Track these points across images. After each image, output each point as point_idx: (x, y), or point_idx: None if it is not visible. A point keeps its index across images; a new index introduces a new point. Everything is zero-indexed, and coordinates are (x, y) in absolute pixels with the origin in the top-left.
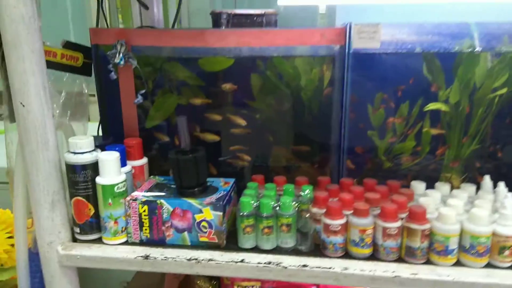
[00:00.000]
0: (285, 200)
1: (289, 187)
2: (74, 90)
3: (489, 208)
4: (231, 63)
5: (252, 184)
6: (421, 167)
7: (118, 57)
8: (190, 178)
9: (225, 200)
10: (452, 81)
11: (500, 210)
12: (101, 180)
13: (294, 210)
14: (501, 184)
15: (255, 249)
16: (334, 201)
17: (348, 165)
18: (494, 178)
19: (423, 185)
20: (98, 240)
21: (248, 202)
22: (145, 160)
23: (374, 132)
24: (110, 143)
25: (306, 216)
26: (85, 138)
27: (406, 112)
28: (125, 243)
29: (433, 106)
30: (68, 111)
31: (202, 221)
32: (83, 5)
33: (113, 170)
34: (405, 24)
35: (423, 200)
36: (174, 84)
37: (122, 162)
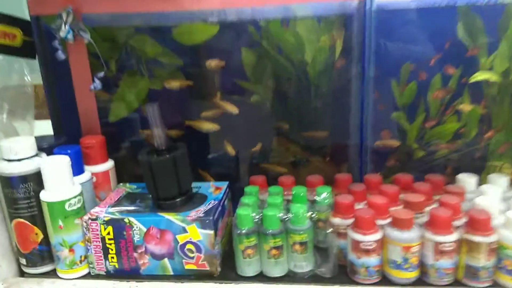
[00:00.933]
0: (298, 210)
1: (300, 191)
2: (12, 78)
3: None
4: (215, 32)
5: (251, 189)
6: (461, 155)
7: (65, 30)
8: (169, 186)
9: (217, 213)
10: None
11: None
12: (46, 196)
13: (310, 223)
14: None
15: (260, 277)
16: (364, 209)
17: (371, 158)
18: None
19: (474, 179)
20: (52, 273)
21: (248, 216)
22: (111, 164)
23: (401, 114)
24: (63, 144)
25: (328, 232)
26: (23, 140)
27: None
28: (87, 276)
29: (480, 77)
30: (6, 106)
31: (187, 244)
32: None
33: (62, 181)
34: None
35: (481, 201)
36: (144, 64)
37: (77, 169)
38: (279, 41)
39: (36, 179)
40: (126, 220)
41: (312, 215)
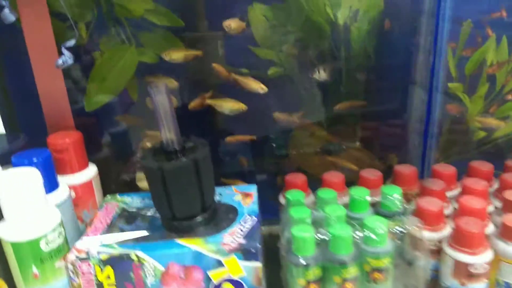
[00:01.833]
0: (376, 225)
1: (362, 193)
2: None
3: None
4: None
5: (296, 195)
6: None
7: None
8: (189, 201)
9: (259, 235)
10: None
11: None
12: (9, 233)
13: (392, 241)
14: None
15: None
16: (472, 220)
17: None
18: None
19: None
20: None
21: (311, 240)
22: (93, 171)
23: (459, 85)
24: (21, 148)
25: (419, 253)
26: None
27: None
28: None
29: None
30: None
31: (224, 283)
32: None
33: (32, 207)
34: None
35: None
36: (129, 27)
37: (49, 184)
38: None
39: None
40: (133, 256)
41: (397, 230)
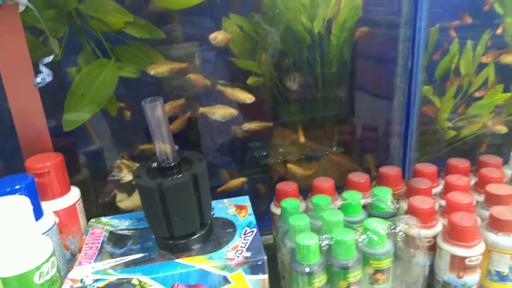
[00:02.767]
0: (376, 227)
1: (354, 197)
2: None
3: None
4: None
5: (291, 204)
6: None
7: None
8: (189, 218)
9: (261, 247)
10: None
11: None
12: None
13: (391, 242)
14: None
15: None
16: (463, 215)
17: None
18: None
19: None
20: None
21: (315, 248)
22: (76, 194)
23: (430, 88)
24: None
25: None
26: None
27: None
28: None
29: None
30: None
31: None
32: None
33: (22, 238)
34: None
35: None
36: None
37: (35, 211)
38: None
39: None
40: (135, 281)
41: (396, 230)
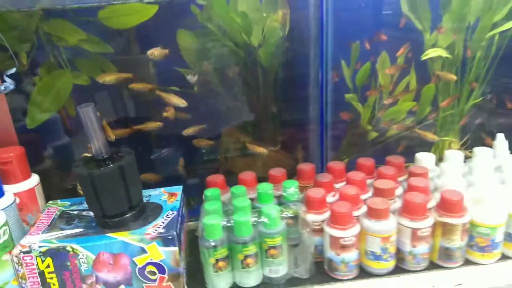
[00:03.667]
0: (270, 212)
1: (266, 187)
2: None
3: None
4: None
5: (212, 192)
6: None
7: None
8: (117, 201)
9: (178, 226)
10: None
11: None
12: None
13: (284, 224)
14: None
15: None
16: (341, 203)
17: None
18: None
19: (432, 158)
20: None
21: (218, 226)
22: (35, 180)
23: (353, 96)
24: None
25: (305, 231)
26: None
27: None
28: None
29: (433, 53)
30: None
31: (148, 265)
32: None
33: None
34: None
35: (449, 181)
36: (65, 55)
37: None
38: (223, 20)
39: None
40: (69, 248)
41: (286, 215)
